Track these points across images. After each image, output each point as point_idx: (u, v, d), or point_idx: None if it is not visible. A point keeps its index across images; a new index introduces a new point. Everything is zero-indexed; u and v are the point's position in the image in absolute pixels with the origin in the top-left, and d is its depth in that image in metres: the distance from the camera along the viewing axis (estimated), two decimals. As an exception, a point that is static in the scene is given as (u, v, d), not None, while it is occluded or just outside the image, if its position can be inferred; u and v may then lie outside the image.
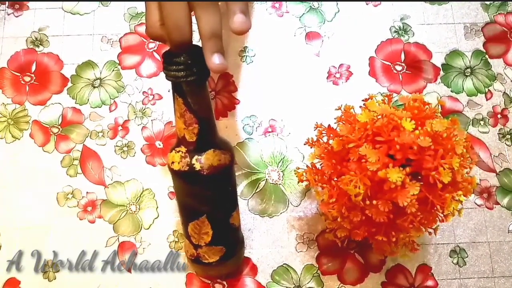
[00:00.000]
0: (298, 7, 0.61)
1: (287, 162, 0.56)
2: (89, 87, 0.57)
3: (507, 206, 0.55)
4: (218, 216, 0.45)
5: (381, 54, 0.60)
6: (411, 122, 0.37)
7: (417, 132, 0.37)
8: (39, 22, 0.60)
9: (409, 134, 0.37)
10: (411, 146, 0.37)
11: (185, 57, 0.38)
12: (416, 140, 0.36)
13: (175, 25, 0.36)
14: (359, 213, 0.41)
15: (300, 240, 0.53)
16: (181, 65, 0.38)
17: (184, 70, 0.38)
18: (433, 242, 0.53)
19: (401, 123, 0.37)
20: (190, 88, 0.40)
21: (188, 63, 0.38)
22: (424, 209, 0.39)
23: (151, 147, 0.56)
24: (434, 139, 0.37)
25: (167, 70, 0.39)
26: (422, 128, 0.38)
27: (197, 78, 0.39)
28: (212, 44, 0.36)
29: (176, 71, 0.38)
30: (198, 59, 0.39)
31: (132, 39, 0.59)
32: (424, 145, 0.36)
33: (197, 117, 0.41)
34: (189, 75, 0.39)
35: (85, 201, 0.54)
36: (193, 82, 0.39)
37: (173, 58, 0.38)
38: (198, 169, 0.41)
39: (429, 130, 0.37)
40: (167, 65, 0.39)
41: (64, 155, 0.55)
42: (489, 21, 0.61)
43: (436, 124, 0.37)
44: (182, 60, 0.38)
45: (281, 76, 0.59)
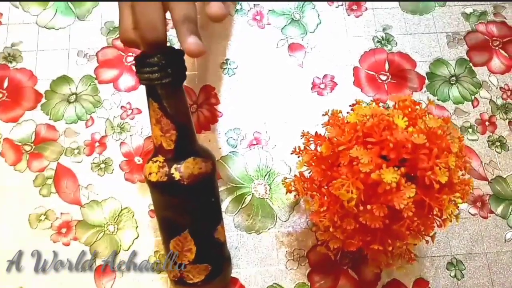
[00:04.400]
0: (279, 19, 0.60)
1: (274, 175, 0.53)
2: (64, 103, 0.55)
3: (501, 214, 0.53)
4: (201, 230, 0.42)
5: (365, 64, 0.59)
6: (404, 119, 0.35)
7: (410, 129, 0.35)
8: (12, 37, 0.57)
9: (403, 131, 0.35)
10: (404, 144, 0.35)
11: (159, 57, 0.36)
12: (410, 138, 0.34)
13: (149, 24, 0.35)
14: (353, 220, 0.39)
15: (290, 257, 0.50)
16: (155, 66, 0.36)
17: (158, 72, 0.36)
18: (428, 254, 0.51)
19: (393, 121, 0.35)
20: (166, 92, 0.37)
21: (163, 64, 0.36)
22: (421, 213, 0.37)
23: (130, 163, 0.53)
24: (428, 138, 0.35)
25: (141, 73, 0.37)
26: (414, 127, 0.36)
27: (173, 80, 0.37)
28: (186, 27, 0.35)
29: (150, 73, 0.36)
30: (172, 60, 0.37)
31: (109, 53, 0.57)
32: (419, 142, 0.34)
33: (175, 123, 0.38)
34: (164, 77, 0.37)
35: (59, 222, 0.50)
36: (169, 85, 0.37)
37: (147, 60, 0.36)
38: (177, 178, 0.39)
39: (422, 128, 0.35)
40: (140, 68, 0.37)
41: (36, 174, 0.52)
42: (471, 30, 0.61)
43: (430, 121, 0.35)
44: (156, 61, 0.36)
45: (264, 88, 0.57)
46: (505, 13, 0.62)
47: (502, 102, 0.58)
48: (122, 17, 0.38)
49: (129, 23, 0.38)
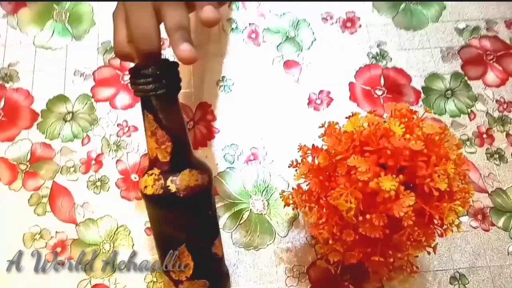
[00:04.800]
0: (274, 37, 0.61)
1: (272, 190, 0.53)
2: (60, 122, 0.55)
3: (503, 227, 0.52)
4: (198, 244, 0.41)
5: (360, 80, 0.59)
6: (401, 126, 0.35)
7: (408, 136, 0.35)
8: (9, 58, 0.58)
9: (400, 138, 0.35)
10: (402, 151, 0.35)
11: (154, 68, 0.36)
12: (408, 144, 0.34)
13: (143, 35, 0.36)
14: (352, 232, 0.38)
15: (289, 273, 0.49)
16: (150, 77, 0.36)
17: (153, 83, 0.36)
18: (431, 268, 0.50)
19: (390, 128, 0.35)
20: (161, 103, 0.37)
21: (157, 75, 0.36)
22: (422, 223, 0.36)
23: (126, 180, 0.52)
24: (426, 145, 0.35)
25: (135, 85, 0.37)
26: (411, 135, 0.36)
27: (167, 91, 0.37)
28: (179, 35, 0.35)
29: (145, 84, 0.37)
30: (167, 72, 0.37)
31: (106, 72, 0.57)
32: (417, 149, 0.34)
33: (170, 135, 0.38)
34: (159, 88, 0.37)
35: (54, 242, 0.49)
36: (163, 96, 0.37)
37: (141, 71, 0.36)
38: (173, 191, 0.38)
39: (420, 135, 0.35)
40: (134, 79, 0.37)
41: (32, 193, 0.51)
42: (465, 44, 0.62)
43: (427, 127, 0.35)
44: (151, 72, 0.36)
45: (261, 104, 0.57)
46: (497, 28, 0.63)
47: (498, 114, 0.58)
48: (117, 31, 0.39)
49: (123, 36, 0.38)
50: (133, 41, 0.36)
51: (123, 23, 0.38)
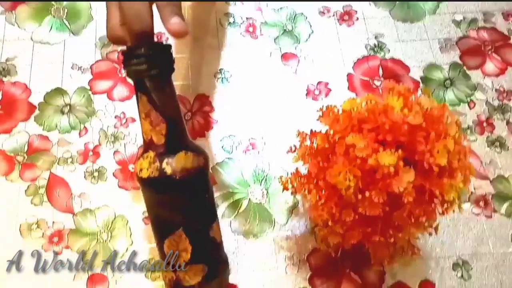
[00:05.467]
0: (272, 30, 0.61)
1: (271, 180, 0.52)
2: (57, 114, 0.54)
3: (506, 213, 0.52)
4: (196, 227, 0.40)
5: (359, 71, 0.59)
6: (399, 100, 0.35)
7: (406, 111, 0.35)
8: (7, 53, 0.58)
9: (398, 112, 0.34)
10: (401, 126, 0.34)
11: (146, 48, 0.36)
12: (407, 119, 0.34)
13: (136, 15, 0.36)
14: (352, 211, 0.38)
15: (289, 261, 0.49)
16: (142, 57, 0.36)
17: (146, 63, 0.37)
18: (433, 255, 0.49)
19: (388, 103, 0.35)
20: (154, 84, 0.37)
21: (150, 55, 0.36)
22: (422, 200, 0.36)
23: (124, 171, 0.52)
24: (425, 120, 0.35)
25: (128, 66, 0.37)
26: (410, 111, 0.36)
27: (161, 72, 0.37)
28: (169, 9, 0.35)
29: (138, 64, 0.37)
30: (160, 53, 0.37)
31: (103, 65, 0.57)
32: (415, 123, 0.33)
33: (164, 116, 0.38)
34: (152, 68, 0.37)
35: (51, 232, 0.49)
36: (157, 77, 0.37)
37: (134, 52, 0.37)
38: (169, 173, 0.38)
39: (418, 110, 0.35)
40: (127, 61, 0.37)
41: (28, 184, 0.51)
42: (462, 36, 0.62)
43: (425, 101, 0.35)
44: (143, 52, 0.36)
45: (259, 95, 0.57)
46: (494, 19, 0.63)
47: (498, 103, 0.58)
48: (110, 15, 0.39)
49: (116, 20, 0.38)
50: (126, 22, 0.37)
51: (116, 7, 0.39)
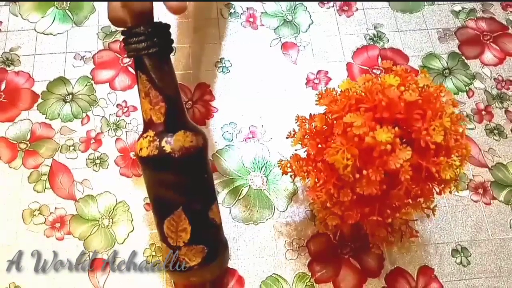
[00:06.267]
0: (272, 21, 0.62)
1: (271, 167, 0.53)
2: (60, 102, 0.55)
3: (505, 200, 0.52)
4: (195, 207, 0.41)
5: (358, 60, 0.59)
6: (395, 78, 0.35)
7: (402, 88, 0.35)
8: (11, 43, 0.58)
9: (395, 89, 0.35)
10: (397, 104, 0.35)
11: (146, 27, 0.37)
12: (403, 96, 0.34)
13: None
14: (349, 191, 0.38)
15: (289, 247, 0.49)
16: (141, 35, 0.37)
17: (145, 41, 0.37)
18: (432, 241, 0.49)
19: (385, 81, 0.35)
20: (153, 63, 0.38)
21: (149, 33, 0.37)
22: (419, 178, 0.36)
23: (125, 158, 0.52)
24: (422, 98, 0.35)
25: (128, 45, 0.38)
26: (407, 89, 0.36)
27: (160, 50, 0.38)
28: None
29: (137, 43, 0.38)
30: (159, 32, 0.38)
31: (106, 55, 0.58)
32: (412, 99, 0.34)
33: (163, 95, 0.39)
34: (151, 46, 0.38)
35: (53, 217, 0.49)
36: (156, 55, 0.38)
37: (134, 30, 0.37)
38: (168, 151, 0.38)
39: (415, 87, 0.35)
40: (127, 39, 0.38)
41: (31, 171, 0.51)
42: (461, 26, 0.62)
43: (421, 80, 0.35)
44: (143, 30, 0.37)
45: (259, 84, 0.57)
46: (493, 10, 0.64)
47: (497, 92, 0.58)
48: None
49: (117, 2, 0.39)
50: (127, 3, 0.37)
51: None
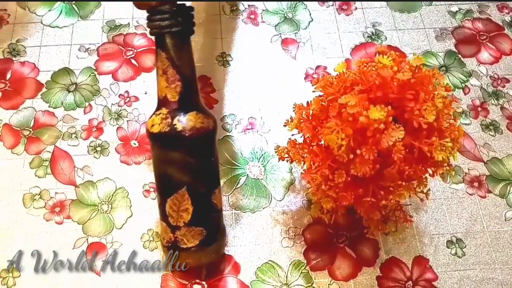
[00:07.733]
0: (273, 18, 0.63)
1: (268, 157, 0.53)
2: (64, 92, 0.56)
3: (500, 194, 0.52)
4: (199, 189, 0.41)
5: (356, 56, 0.61)
6: (389, 59, 0.36)
7: (396, 68, 0.36)
8: (17, 35, 0.60)
9: (388, 69, 0.36)
10: (390, 83, 0.36)
11: (170, 5, 0.39)
12: (396, 76, 0.35)
13: None
14: (344, 173, 0.39)
15: (285, 235, 0.49)
16: (166, 13, 0.39)
17: (169, 19, 0.39)
18: (427, 232, 0.50)
19: (378, 61, 0.36)
20: (174, 42, 0.40)
21: (173, 11, 0.39)
22: (412, 159, 0.37)
23: (126, 146, 0.53)
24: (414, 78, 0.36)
25: (151, 22, 0.39)
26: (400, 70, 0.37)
27: (182, 30, 0.39)
28: None
29: (161, 20, 0.39)
30: (183, 12, 0.40)
31: (109, 47, 0.59)
32: (404, 78, 0.35)
33: (180, 74, 0.40)
34: (173, 25, 0.39)
35: (53, 202, 0.50)
36: (177, 34, 0.39)
37: (158, 8, 0.39)
38: (179, 129, 0.39)
39: (407, 68, 0.36)
40: (151, 16, 0.39)
41: (33, 157, 0.52)
42: (458, 26, 0.63)
43: (414, 60, 0.36)
44: (167, 9, 0.39)
45: (259, 78, 0.58)
46: (489, 11, 0.65)
47: (493, 89, 0.59)
48: None
49: None
50: None
51: None
